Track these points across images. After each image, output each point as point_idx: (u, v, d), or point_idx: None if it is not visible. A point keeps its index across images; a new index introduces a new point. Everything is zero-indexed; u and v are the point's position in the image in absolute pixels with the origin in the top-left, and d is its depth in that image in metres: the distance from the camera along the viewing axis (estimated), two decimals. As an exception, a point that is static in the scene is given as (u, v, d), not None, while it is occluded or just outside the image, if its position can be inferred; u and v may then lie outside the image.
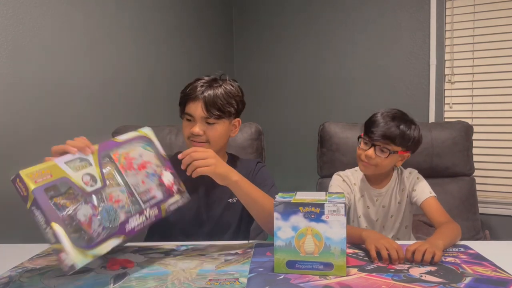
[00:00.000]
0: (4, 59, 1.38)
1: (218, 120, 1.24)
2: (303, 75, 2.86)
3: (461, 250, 1.12)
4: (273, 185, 1.31)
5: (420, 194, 1.37)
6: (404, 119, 1.33)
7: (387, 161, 1.33)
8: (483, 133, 2.38)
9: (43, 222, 0.83)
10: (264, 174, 1.35)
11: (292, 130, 2.89)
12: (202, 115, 1.23)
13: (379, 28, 2.62)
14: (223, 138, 1.28)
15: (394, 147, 1.31)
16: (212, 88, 1.24)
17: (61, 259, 0.83)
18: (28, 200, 0.83)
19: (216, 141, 1.26)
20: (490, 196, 2.38)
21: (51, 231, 0.83)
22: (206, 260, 1.06)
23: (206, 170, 1.07)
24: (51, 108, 1.56)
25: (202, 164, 1.07)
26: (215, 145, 1.26)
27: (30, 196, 0.83)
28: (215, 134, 1.25)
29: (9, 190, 1.41)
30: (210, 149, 1.12)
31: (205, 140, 1.25)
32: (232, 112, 1.27)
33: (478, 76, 2.41)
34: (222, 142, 1.29)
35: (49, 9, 1.54)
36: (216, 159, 1.10)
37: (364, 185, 1.44)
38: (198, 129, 1.23)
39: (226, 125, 1.28)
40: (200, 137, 1.24)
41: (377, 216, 1.43)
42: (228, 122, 1.28)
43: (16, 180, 0.84)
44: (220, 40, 2.88)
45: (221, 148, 1.31)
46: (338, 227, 0.93)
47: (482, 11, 2.37)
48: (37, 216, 0.83)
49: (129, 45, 1.99)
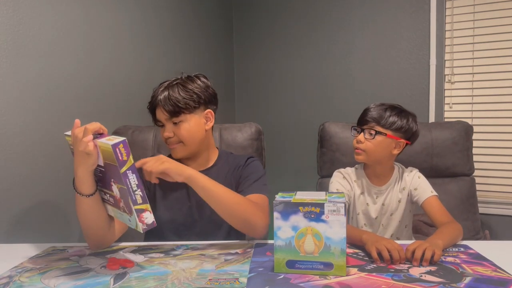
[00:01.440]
0: (4, 59, 1.38)
1: (181, 117, 1.24)
2: (303, 75, 2.86)
3: (461, 250, 1.12)
4: (259, 179, 1.28)
5: (422, 194, 1.37)
6: (394, 106, 1.38)
7: (376, 145, 1.34)
8: (483, 133, 2.37)
9: (135, 185, 0.97)
10: (252, 167, 1.33)
11: (292, 130, 2.89)
12: (164, 117, 1.25)
13: (379, 28, 2.62)
14: (195, 134, 1.27)
15: (380, 128, 1.34)
16: (167, 89, 1.25)
17: (142, 219, 0.98)
18: (125, 165, 0.96)
19: (188, 139, 1.26)
20: (490, 196, 2.38)
21: (140, 193, 0.98)
22: (206, 260, 1.06)
23: (160, 167, 1.10)
24: (51, 108, 1.56)
25: (155, 165, 1.10)
26: (189, 143, 1.27)
27: (130, 161, 0.97)
28: (184, 132, 1.25)
29: (9, 190, 1.41)
30: (161, 154, 1.16)
31: (178, 141, 1.26)
32: (193, 105, 1.25)
33: (478, 76, 2.40)
34: (197, 138, 1.28)
35: (49, 9, 1.54)
36: (167, 158, 1.14)
37: (365, 182, 1.44)
38: (167, 133, 1.26)
39: (194, 120, 1.26)
40: (171, 139, 1.26)
41: (377, 214, 1.43)
42: (196, 116, 1.27)
43: (119, 145, 0.95)
44: (220, 40, 2.88)
45: (200, 144, 1.30)
46: (338, 227, 0.93)
47: (482, 11, 2.36)
48: (130, 179, 0.96)
49: (129, 45, 1.98)
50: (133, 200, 0.97)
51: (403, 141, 1.37)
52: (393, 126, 1.34)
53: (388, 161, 1.41)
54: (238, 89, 3.07)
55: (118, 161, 0.95)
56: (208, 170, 1.33)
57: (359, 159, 1.39)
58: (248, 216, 1.14)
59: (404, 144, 1.38)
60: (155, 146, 1.75)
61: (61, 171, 1.56)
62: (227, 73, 3.00)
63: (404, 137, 1.37)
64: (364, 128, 1.37)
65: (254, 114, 2.98)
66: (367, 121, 1.36)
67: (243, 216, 1.15)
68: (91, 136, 0.99)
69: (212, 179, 1.29)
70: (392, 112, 1.35)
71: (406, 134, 1.36)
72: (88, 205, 1.08)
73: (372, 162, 1.40)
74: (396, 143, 1.36)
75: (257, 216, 1.15)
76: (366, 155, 1.36)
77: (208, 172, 1.32)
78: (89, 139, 0.99)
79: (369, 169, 1.44)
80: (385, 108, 1.36)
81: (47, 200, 1.55)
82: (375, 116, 1.35)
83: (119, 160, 0.96)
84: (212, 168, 1.34)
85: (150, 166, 1.10)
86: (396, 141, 1.36)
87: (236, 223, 1.16)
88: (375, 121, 1.34)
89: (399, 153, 1.40)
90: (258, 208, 1.17)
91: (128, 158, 0.96)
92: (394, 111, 1.35)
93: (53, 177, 1.56)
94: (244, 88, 3.05)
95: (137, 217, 0.98)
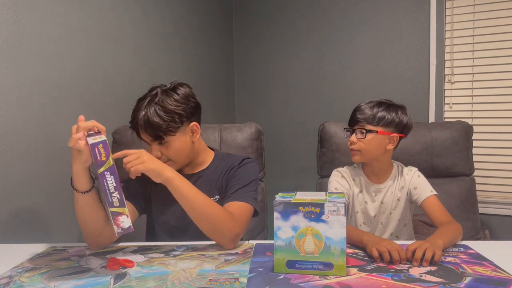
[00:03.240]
0: (4, 59, 1.38)
1: (166, 139, 1.20)
2: (303, 75, 2.86)
3: (461, 250, 1.12)
4: (246, 186, 1.25)
5: (421, 193, 1.37)
6: (381, 102, 1.37)
7: (369, 143, 1.34)
8: (483, 133, 2.37)
9: (112, 187, 0.97)
10: (244, 171, 1.29)
11: (292, 130, 2.89)
12: (149, 139, 1.22)
13: (379, 28, 2.62)
14: (182, 151, 1.24)
15: (370, 126, 1.34)
16: (145, 110, 1.18)
17: (117, 222, 0.98)
18: (104, 165, 0.96)
19: (177, 157, 1.24)
20: (490, 196, 2.38)
21: (117, 196, 0.97)
22: (206, 260, 1.06)
23: (139, 168, 1.09)
24: (51, 108, 1.56)
25: (135, 163, 1.09)
26: (178, 159, 1.25)
27: (108, 162, 0.96)
28: (171, 152, 1.22)
29: (9, 190, 1.41)
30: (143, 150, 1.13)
31: (167, 159, 1.23)
32: (176, 126, 1.19)
33: (478, 76, 2.40)
34: (185, 154, 1.25)
35: (49, 9, 1.54)
36: (149, 156, 1.12)
37: (363, 180, 1.45)
38: (154, 152, 1.21)
39: (180, 138, 1.22)
40: (160, 158, 1.21)
41: (375, 212, 1.43)
42: (181, 134, 1.22)
43: (98, 145, 0.95)
44: (220, 40, 2.88)
45: (190, 155, 1.28)
46: (338, 227, 0.93)
47: (482, 11, 2.36)
48: (108, 180, 0.96)
49: (130, 45, 1.98)
50: (109, 202, 0.97)
51: (395, 135, 1.36)
52: (383, 122, 1.34)
53: (385, 157, 1.41)
54: (238, 89, 3.07)
55: (96, 161, 0.95)
56: (202, 172, 1.33)
57: (356, 160, 1.40)
58: (218, 225, 1.13)
59: (398, 138, 1.38)
60: (155, 146, 1.75)
61: (61, 171, 1.56)
62: (227, 73, 2.99)
63: (396, 130, 1.36)
64: (355, 128, 1.37)
65: (254, 114, 2.98)
66: (357, 121, 1.37)
67: (213, 224, 1.13)
68: (81, 133, 0.99)
69: (205, 181, 1.29)
70: (380, 108, 1.35)
71: (397, 128, 1.36)
72: (85, 201, 1.08)
73: (369, 160, 1.40)
74: (389, 138, 1.36)
75: (228, 226, 1.13)
76: (361, 154, 1.37)
77: (202, 174, 1.32)
78: (79, 136, 0.98)
79: (367, 167, 1.45)
80: (372, 105, 1.36)
81: (47, 200, 1.55)
82: (364, 115, 1.35)
83: (97, 160, 0.96)
84: (206, 170, 1.33)
85: (130, 164, 1.09)
86: (389, 136, 1.36)
87: (206, 230, 1.15)
88: (364, 120, 1.35)
89: (395, 147, 1.40)
90: (232, 218, 1.15)
91: (107, 159, 0.96)
92: (382, 107, 1.35)
93: (53, 177, 1.56)
94: (244, 88, 3.05)
95: (112, 219, 0.98)
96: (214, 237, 1.16)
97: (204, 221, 1.14)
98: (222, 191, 1.29)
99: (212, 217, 1.13)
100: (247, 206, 1.21)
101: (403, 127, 1.37)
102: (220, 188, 1.30)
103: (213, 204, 1.16)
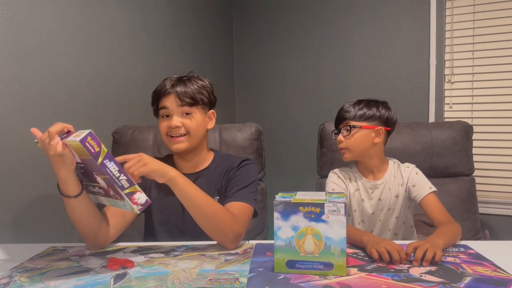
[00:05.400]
0: (4, 59, 1.38)
1: (193, 109, 1.26)
2: (303, 75, 2.86)
3: (461, 250, 1.12)
4: (246, 186, 1.26)
5: (420, 190, 1.37)
6: (361, 100, 1.44)
7: (356, 139, 1.39)
8: (483, 133, 2.37)
9: (117, 171, 0.98)
10: (244, 172, 1.30)
11: (292, 130, 2.89)
12: (177, 104, 1.24)
13: (379, 28, 2.62)
14: (201, 128, 1.28)
15: (353, 122, 1.39)
16: (181, 82, 1.27)
17: (134, 200, 0.99)
18: (100, 155, 0.96)
19: (195, 131, 1.26)
20: (490, 196, 2.38)
21: (124, 177, 0.99)
22: (206, 260, 1.06)
23: (142, 170, 1.07)
24: (51, 108, 1.56)
25: (137, 166, 1.07)
26: (195, 135, 1.27)
27: (103, 150, 0.96)
28: (193, 124, 1.26)
29: (9, 190, 1.41)
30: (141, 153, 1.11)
31: (185, 132, 1.25)
32: (205, 101, 1.29)
33: (478, 76, 2.40)
34: (201, 132, 1.29)
35: (49, 9, 1.54)
36: (149, 158, 1.11)
37: (358, 178, 1.46)
38: (175, 122, 1.24)
39: (202, 115, 1.29)
40: (179, 129, 1.24)
41: (373, 209, 1.43)
42: (203, 113, 1.29)
43: (86, 139, 0.95)
44: (220, 40, 2.88)
45: (201, 140, 1.30)
46: (338, 227, 0.93)
47: (482, 11, 2.36)
48: (110, 167, 0.97)
49: (129, 45, 1.98)
50: (120, 186, 0.99)
51: (380, 128, 1.39)
52: (364, 117, 1.39)
53: (375, 151, 1.42)
54: (238, 89, 3.07)
55: (91, 154, 0.96)
56: (202, 172, 1.33)
57: (346, 158, 1.43)
58: (221, 224, 1.13)
59: (384, 131, 1.40)
60: (155, 146, 1.75)
61: (61, 171, 1.56)
62: (227, 73, 2.99)
63: (380, 124, 1.40)
64: (340, 127, 1.42)
65: (254, 114, 2.98)
66: (341, 120, 1.43)
67: (216, 224, 1.13)
68: (57, 138, 0.98)
69: (205, 181, 1.29)
70: (360, 105, 1.41)
71: (380, 121, 1.40)
72: (78, 205, 1.08)
73: (358, 156, 1.43)
74: (375, 132, 1.39)
75: (230, 226, 1.14)
76: (350, 151, 1.41)
77: (201, 174, 1.32)
78: (56, 141, 0.97)
79: (360, 164, 1.47)
80: (353, 103, 1.43)
81: (47, 200, 1.55)
82: (347, 113, 1.41)
83: (92, 153, 0.96)
84: (206, 170, 1.33)
85: (133, 168, 1.06)
86: (374, 130, 1.39)
87: (208, 229, 1.15)
88: (348, 118, 1.41)
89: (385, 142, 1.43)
90: (234, 218, 1.15)
91: (100, 148, 0.97)
92: (362, 104, 1.42)
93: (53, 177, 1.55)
94: (244, 88, 3.05)
95: (129, 200, 0.99)
96: (216, 236, 1.16)
97: (207, 220, 1.14)
98: (222, 192, 1.29)
99: (215, 216, 1.13)
100: (248, 207, 1.22)
101: (386, 120, 1.41)
102: (220, 189, 1.30)
103: (216, 204, 1.16)
